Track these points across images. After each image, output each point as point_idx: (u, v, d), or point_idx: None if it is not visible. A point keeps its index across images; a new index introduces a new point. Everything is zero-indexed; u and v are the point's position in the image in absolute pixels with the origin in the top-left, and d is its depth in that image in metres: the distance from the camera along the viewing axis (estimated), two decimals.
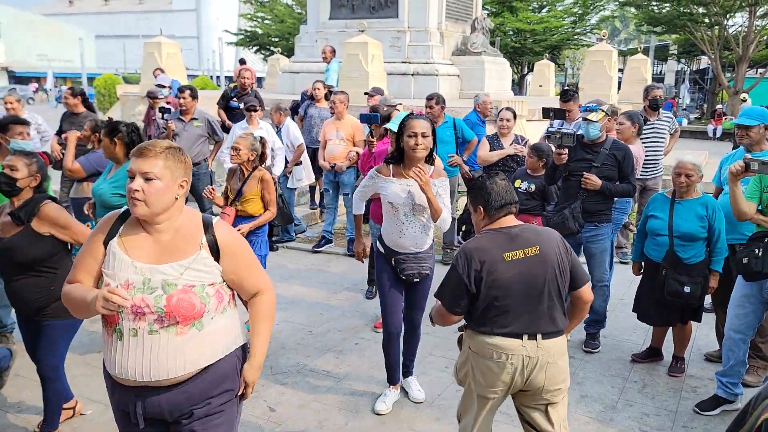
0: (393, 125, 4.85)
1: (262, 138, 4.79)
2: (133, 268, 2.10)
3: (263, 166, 4.85)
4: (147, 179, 2.09)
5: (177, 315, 2.08)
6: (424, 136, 3.47)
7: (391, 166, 3.70)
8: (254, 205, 4.64)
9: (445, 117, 6.58)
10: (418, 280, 3.80)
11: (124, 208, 2.25)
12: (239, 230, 4.33)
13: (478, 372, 2.72)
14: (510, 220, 2.76)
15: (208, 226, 2.23)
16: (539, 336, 2.64)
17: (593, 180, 4.52)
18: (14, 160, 3.38)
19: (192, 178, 2.24)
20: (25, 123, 4.67)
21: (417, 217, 3.67)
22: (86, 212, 5.02)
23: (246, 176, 4.66)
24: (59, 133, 7.53)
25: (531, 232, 2.75)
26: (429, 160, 3.63)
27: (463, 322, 2.84)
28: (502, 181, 2.79)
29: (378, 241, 3.91)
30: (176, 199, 2.17)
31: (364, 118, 5.88)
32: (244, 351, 2.38)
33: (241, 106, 8.10)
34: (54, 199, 3.47)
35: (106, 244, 2.17)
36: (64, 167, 5.40)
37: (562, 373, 2.72)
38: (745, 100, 20.26)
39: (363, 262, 4.35)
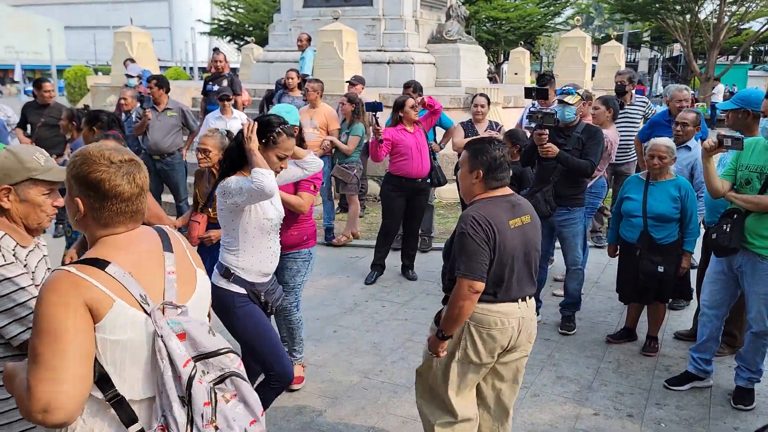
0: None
1: (228, 132, 4.54)
2: None
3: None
4: None
5: None
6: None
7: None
8: None
9: None
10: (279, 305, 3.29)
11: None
12: (209, 237, 4.07)
13: (479, 341, 2.70)
14: (507, 189, 2.79)
15: None
16: (527, 298, 2.79)
17: (552, 149, 4.53)
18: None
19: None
20: None
21: (276, 228, 3.12)
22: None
23: (217, 178, 4.46)
24: (22, 125, 7.37)
25: (523, 201, 2.85)
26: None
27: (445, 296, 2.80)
28: (505, 149, 2.78)
29: (234, 282, 3.01)
30: None
31: (369, 107, 5.79)
32: None
33: (215, 88, 8.00)
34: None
35: None
36: None
37: (535, 327, 2.90)
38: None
39: None
